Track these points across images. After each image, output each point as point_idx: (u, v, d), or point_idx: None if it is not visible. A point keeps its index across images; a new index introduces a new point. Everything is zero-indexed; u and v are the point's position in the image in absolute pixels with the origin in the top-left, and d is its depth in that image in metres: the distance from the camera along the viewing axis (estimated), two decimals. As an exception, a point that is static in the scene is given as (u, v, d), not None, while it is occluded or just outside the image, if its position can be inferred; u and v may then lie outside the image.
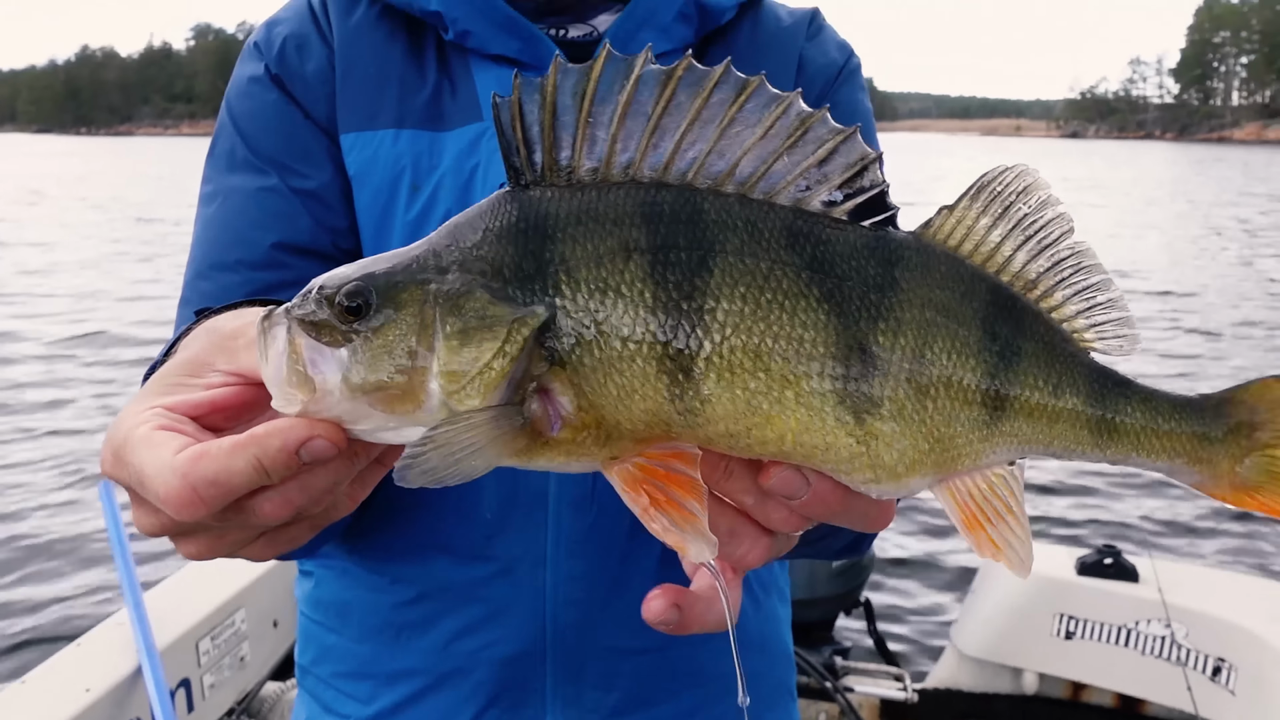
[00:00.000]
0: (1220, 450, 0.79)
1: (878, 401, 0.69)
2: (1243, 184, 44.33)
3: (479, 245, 0.68)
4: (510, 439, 0.66)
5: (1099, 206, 30.06)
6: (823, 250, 0.68)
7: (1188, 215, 29.13)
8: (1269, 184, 44.17)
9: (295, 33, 1.31)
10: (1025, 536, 0.75)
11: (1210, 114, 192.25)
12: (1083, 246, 0.76)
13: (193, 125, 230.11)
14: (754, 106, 0.67)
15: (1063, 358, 0.75)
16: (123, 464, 0.72)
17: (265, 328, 0.69)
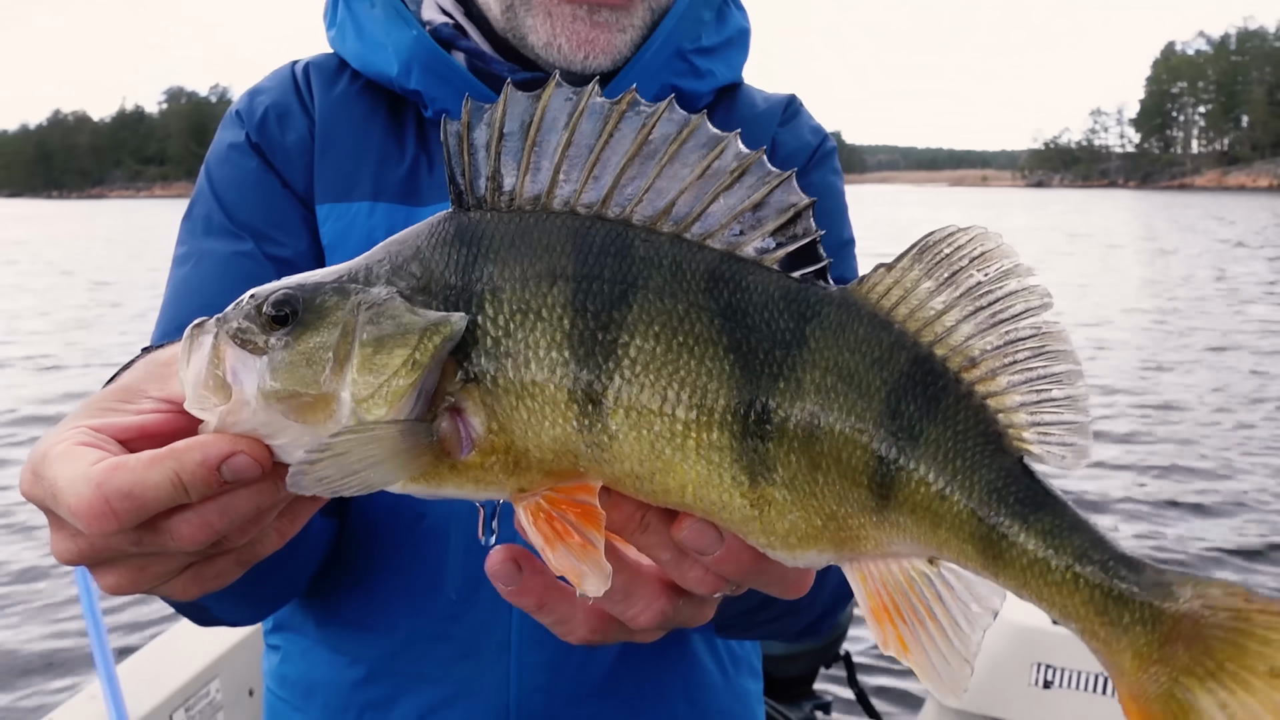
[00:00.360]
0: (1124, 638, 0.64)
1: (771, 466, 0.66)
2: (1215, 230, 45.09)
3: (410, 260, 0.68)
4: (416, 455, 0.65)
5: (1070, 254, 30.43)
6: (739, 298, 0.66)
7: (1166, 261, 29.52)
8: (1235, 228, 44.97)
9: (277, 103, 1.33)
10: (952, 655, 0.66)
11: (1171, 162, 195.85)
12: (1052, 328, 0.66)
13: (165, 187, 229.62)
14: (694, 145, 0.67)
15: (969, 453, 0.66)
16: (39, 479, 0.69)
17: (193, 335, 0.69)
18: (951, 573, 0.68)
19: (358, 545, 1.25)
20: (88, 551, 0.71)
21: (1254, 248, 33.77)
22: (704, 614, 0.80)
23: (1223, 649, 0.61)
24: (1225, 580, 0.63)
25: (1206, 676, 0.62)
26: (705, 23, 1.35)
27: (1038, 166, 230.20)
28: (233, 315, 0.68)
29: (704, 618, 0.80)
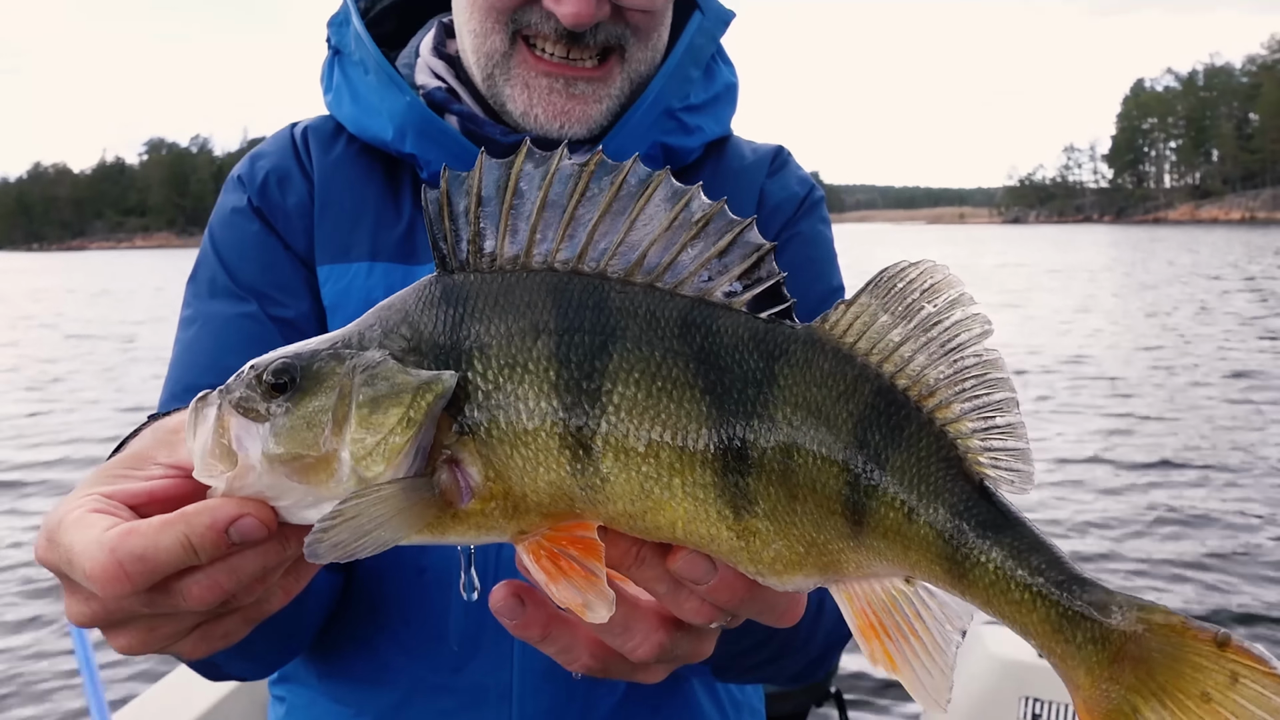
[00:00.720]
0: (1077, 654, 0.68)
1: (753, 499, 0.69)
2: (1192, 263, 45.56)
3: (400, 324, 0.71)
4: (421, 510, 0.68)
5: (1054, 290, 30.62)
6: (711, 341, 0.69)
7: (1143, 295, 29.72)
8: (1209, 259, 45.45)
9: (277, 166, 1.36)
10: (934, 667, 0.70)
11: (1145, 196, 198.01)
12: (991, 356, 0.70)
13: (146, 238, 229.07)
14: (660, 199, 0.70)
15: (932, 479, 0.69)
16: (54, 545, 0.72)
17: (198, 408, 0.71)
18: (927, 591, 0.71)
19: (361, 599, 1.26)
20: (101, 614, 0.73)
21: (1229, 280, 34.11)
22: (702, 650, 0.81)
23: (1163, 671, 0.65)
24: (1165, 606, 0.67)
25: (1150, 696, 0.66)
26: (693, 80, 1.38)
27: (1014, 203, 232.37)
28: (235, 386, 0.70)
29: (702, 654, 0.82)
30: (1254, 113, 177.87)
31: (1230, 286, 30.93)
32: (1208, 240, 73.76)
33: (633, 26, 1.29)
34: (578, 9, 1.21)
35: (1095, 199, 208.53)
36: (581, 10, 1.21)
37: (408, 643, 1.26)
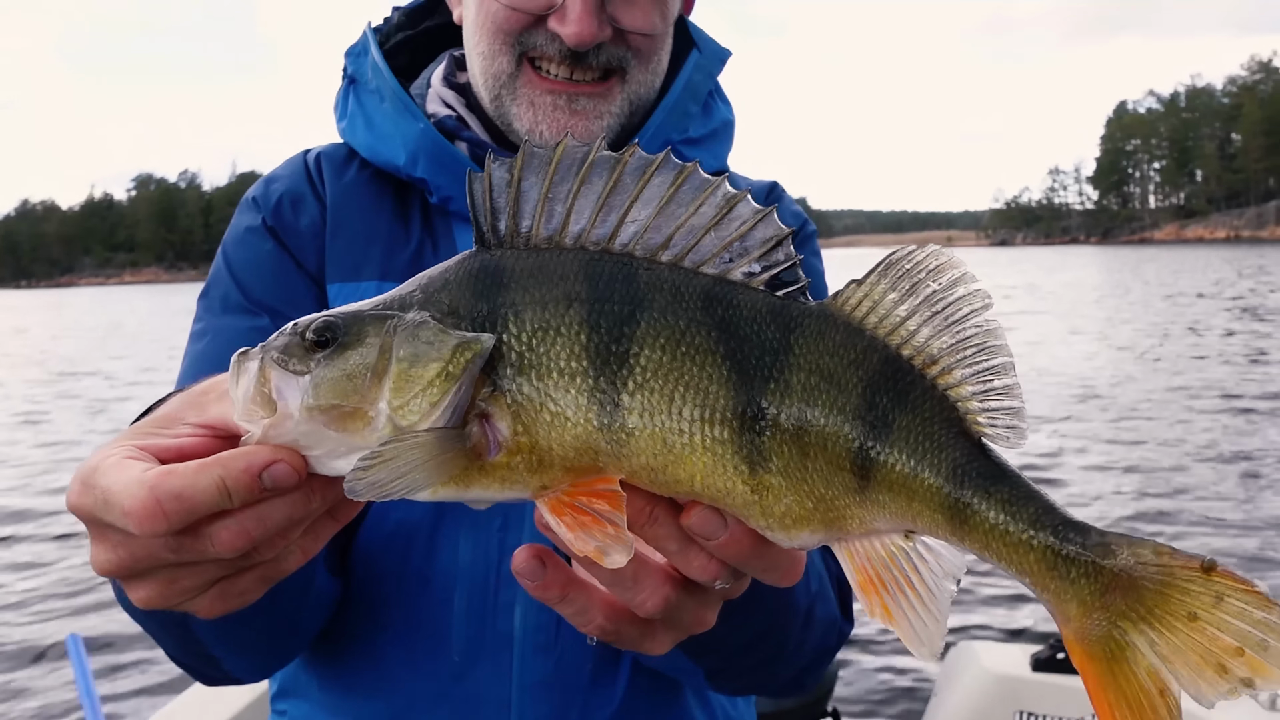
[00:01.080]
0: (1071, 589, 0.73)
1: (767, 456, 0.74)
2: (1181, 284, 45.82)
3: (440, 290, 0.76)
4: (452, 460, 0.72)
5: (1041, 313, 30.74)
6: (732, 313, 0.75)
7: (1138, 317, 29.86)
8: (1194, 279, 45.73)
9: (291, 190, 1.42)
10: (929, 618, 0.74)
11: (1130, 217, 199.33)
12: (990, 326, 0.75)
13: (135, 273, 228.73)
14: (688, 189, 0.76)
15: (936, 437, 0.75)
16: (89, 489, 0.75)
17: (239, 361, 0.75)
18: (925, 546, 0.76)
19: (364, 609, 1.30)
20: (127, 560, 0.76)
21: (1213, 298, 34.30)
22: (705, 618, 0.86)
23: (1152, 597, 0.71)
24: (1155, 540, 0.72)
25: (1139, 620, 0.71)
26: (692, 115, 1.46)
27: (1000, 225, 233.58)
28: (277, 341, 0.75)
29: (705, 622, 0.86)
30: (1236, 133, 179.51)
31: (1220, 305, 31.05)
32: (1196, 259, 74.18)
33: (634, 49, 1.35)
34: (580, 29, 1.27)
35: (1081, 220, 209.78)
36: (584, 31, 1.27)
37: (409, 652, 1.29)
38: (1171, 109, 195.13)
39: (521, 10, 1.31)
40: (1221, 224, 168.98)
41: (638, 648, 0.88)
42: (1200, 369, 17.51)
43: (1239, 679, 0.68)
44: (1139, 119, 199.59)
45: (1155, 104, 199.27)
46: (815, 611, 1.20)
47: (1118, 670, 0.72)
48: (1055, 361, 18.59)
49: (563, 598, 0.81)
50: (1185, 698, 0.71)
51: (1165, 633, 0.70)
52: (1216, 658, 0.69)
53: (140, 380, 22.03)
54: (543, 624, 1.27)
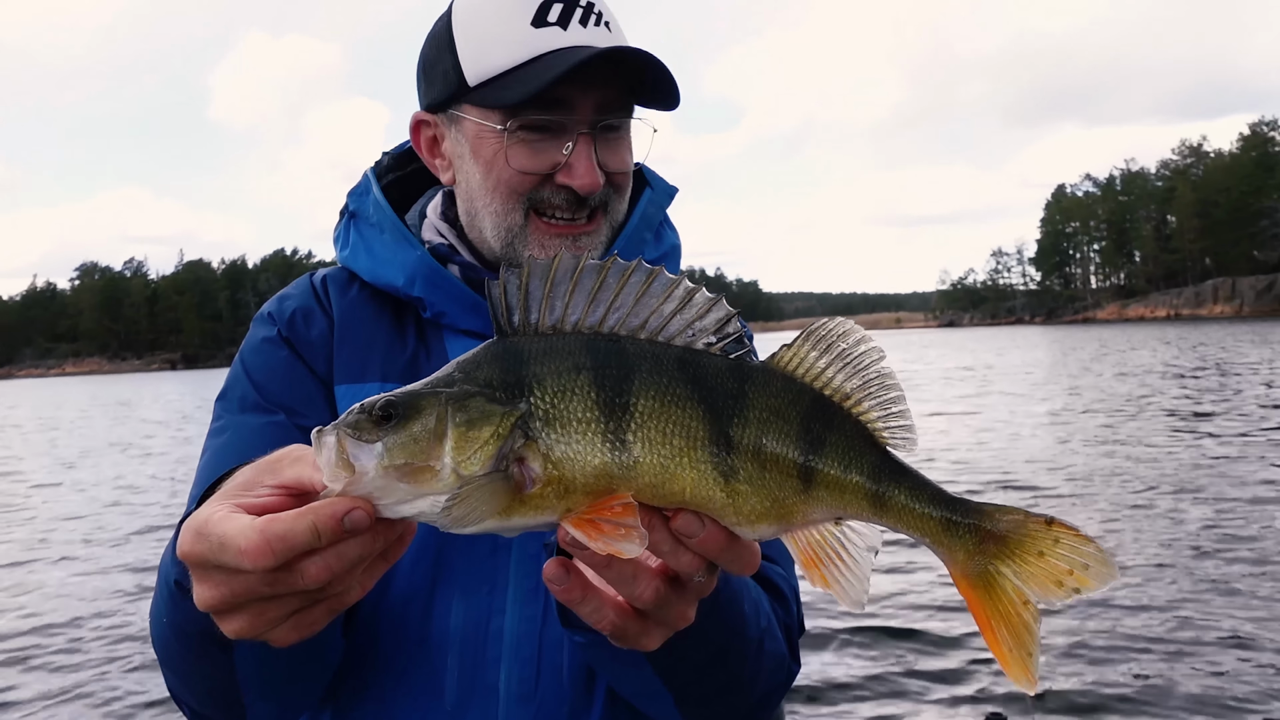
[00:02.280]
0: (959, 543, 1.03)
1: (736, 471, 1.00)
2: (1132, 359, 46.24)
3: (477, 370, 0.99)
4: (502, 496, 0.96)
5: (1010, 394, 30.59)
6: (700, 372, 1.01)
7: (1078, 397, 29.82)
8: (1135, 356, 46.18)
9: (303, 306, 1.69)
10: (856, 580, 1.03)
11: (1073, 297, 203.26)
12: (886, 371, 1.05)
13: (77, 364, 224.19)
14: (658, 285, 1.02)
15: (856, 448, 1.03)
16: (204, 536, 0.97)
17: (318, 437, 0.96)
18: (850, 528, 1.04)
19: (367, 666, 1.52)
20: (228, 595, 0.98)
21: (1160, 374, 34.46)
22: (687, 614, 1.10)
23: (1013, 543, 1.02)
24: (1014, 506, 1.03)
25: (1005, 559, 1.03)
26: (647, 241, 1.78)
27: (948, 307, 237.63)
28: (348, 419, 0.96)
29: (687, 618, 1.10)
30: (1171, 215, 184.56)
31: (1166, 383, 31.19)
32: (1138, 336, 75.42)
33: (615, 186, 1.65)
34: (589, 181, 1.57)
35: (1026, 301, 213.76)
36: (592, 182, 1.57)
37: (407, 703, 1.51)
38: (1109, 192, 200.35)
39: (533, 173, 1.58)
40: (1161, 303, 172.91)
41: (636, 644, 1.11)
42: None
43: (1071, 589, 1.00)
44: (1077, 202, 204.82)
45: (1092, 187, 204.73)
46: (765, 644, 1.43)
47: (993, 593, 1.03)
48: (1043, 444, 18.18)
49: (583, 598, 1.05)
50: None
51: (1023, 565, 1.01)
52: (1057, 577, 1.00)
53: (48, 482, 20.97)
54: (524, 676, 1.50)
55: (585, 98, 1.56)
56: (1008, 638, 1.01)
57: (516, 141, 1.57)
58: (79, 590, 11.10)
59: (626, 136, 1.66)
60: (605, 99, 1.58)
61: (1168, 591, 9.04)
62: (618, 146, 1.64)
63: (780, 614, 1.53)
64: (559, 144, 1.57)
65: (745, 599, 1.38)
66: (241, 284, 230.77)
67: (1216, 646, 7.73)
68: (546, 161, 1.57)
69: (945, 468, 15.61)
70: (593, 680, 1.53)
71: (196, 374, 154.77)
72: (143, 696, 7.62)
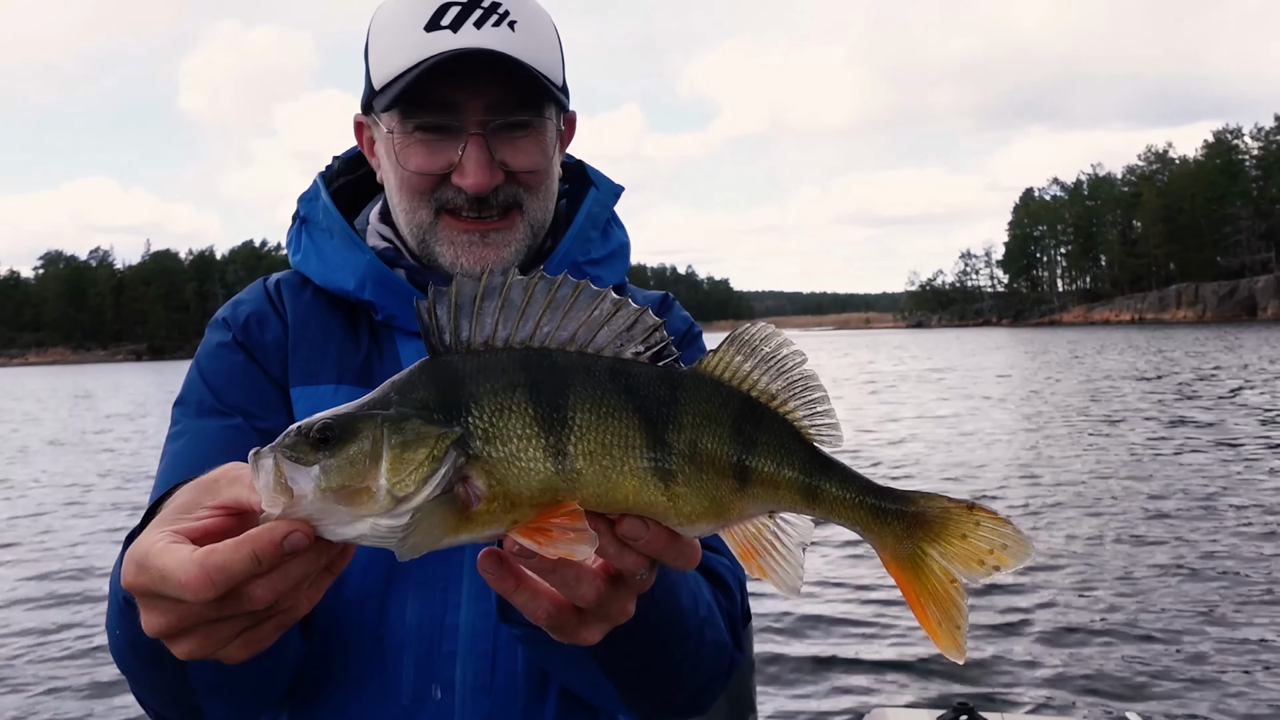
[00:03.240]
0: (888, 529, 1.08)
1: (675, 475, 1.02)
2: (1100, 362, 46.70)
3: (413, 391, 0.99)
4: (451, 518, 0.97)
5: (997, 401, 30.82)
6: (632, 381, 1.03)
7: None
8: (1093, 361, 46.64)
9: (256, 310, 1.71)
10: (791, 568, 1.07)
11: (1040, 300, 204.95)
12: (809, 372, 1.09)
13: (40, 354, 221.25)
14: (584, 298, 1.03)
15: (786, 446, 1.07)
16: (145, 569, 0.97)
17: (255, 460, 0.96)
18: (783, 519, 1.08)
19: (325, 663, 1.55)
20: (175, 622, 0.99)
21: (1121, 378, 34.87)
22: (627, 609, 1.12)
23: (937, 527, 1.07)
24: (939, 494, 1.08)
25: (931, 542, 1.08)
26: (593, 240, 1.80)
27: (917, 308, 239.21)
28: (285, 441, 0.96)
29: (627, 613, 1.12)
30: (1136, 220, 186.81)
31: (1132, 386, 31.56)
32: (1102, 339, 76.19)
33: (524, 186, 1.66)
34: (477, 179, 1.59)
35: (993, 303, 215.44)
36: (480, 180, 1.59)
37: (365, 699, 1.54)
38: (1075, 197, 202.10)
39: (429, 173, 1.62)
40: (1126, 307, 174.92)
41: (575, 638, 1.12)
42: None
43: (992, 567, 1.06)
44: (1045, 206, 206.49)
45: (1060, 192, 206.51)
46: (705, 634, 1.46)
47: (920, 573, 1.08)
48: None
49: (516, 588, 1.06)
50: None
51: (947, 546, 1.07)
52: (979, 556, 1.06)
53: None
54: (480, 669, 1.54)
55: (472, 99, 1.59)
56: (936, 613, 1.07)
57: (413, 143, 1.62)
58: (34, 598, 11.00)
59: (537, 135, 1.66)
60: (492, 99, 1.60)
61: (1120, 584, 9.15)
62: (523, 145, 1.64)
63: (723, 602, 1.56)
64: (455, 145, 1.61)
65: (683, 590, 1.41)
66: (209, 275, 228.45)
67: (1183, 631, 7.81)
68: (441, 161, 1.61)
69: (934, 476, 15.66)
70: (547, 673, 1.57)
71: (162, 365, 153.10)
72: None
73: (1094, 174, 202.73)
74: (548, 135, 1.68)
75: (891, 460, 17.47)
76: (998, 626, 8.37)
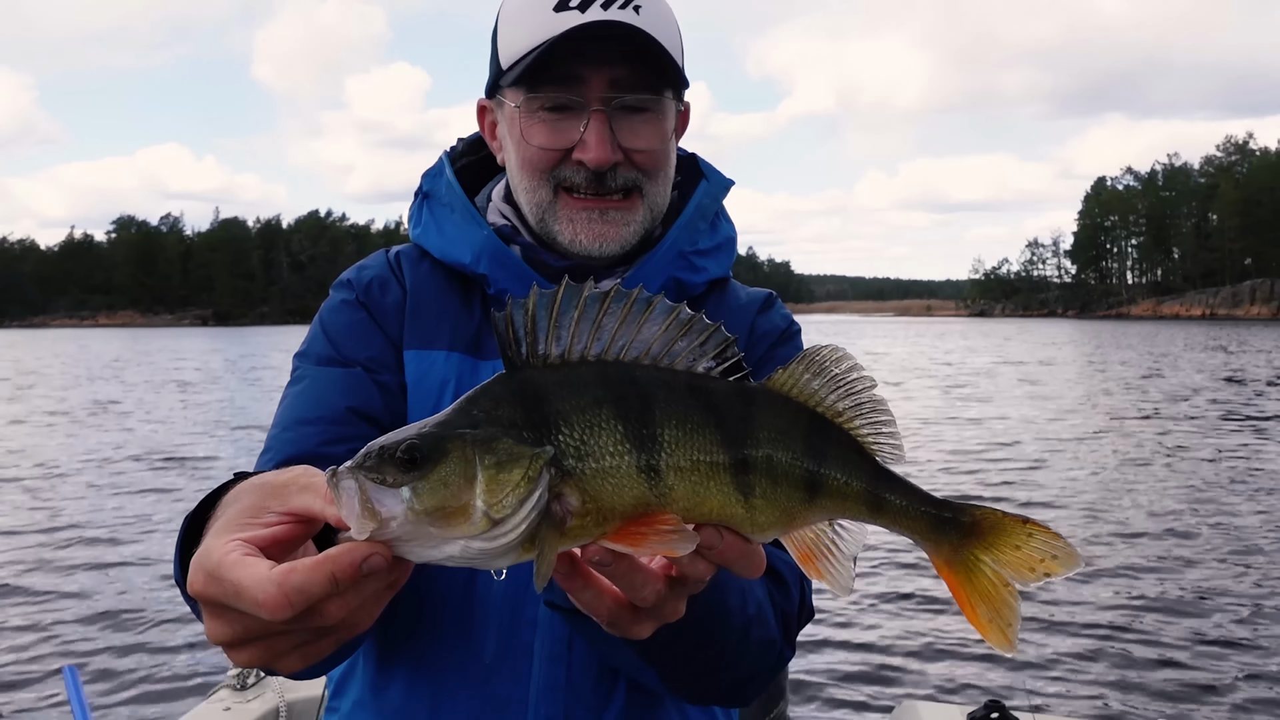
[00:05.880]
0: (945, 538, 1.13)
1: (753, 488, 1.06)
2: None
3: (497, 408, 0.99)
4: (544, 533, 0.97)
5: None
6: (711, 397, 1.05)
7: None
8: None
9: (379, 275, 1.81)
10: (844, 571, 1.12)
11: (1108, 292, 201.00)
12: (876, 395, 1.13)
13: (109, 316, 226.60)
14: (658, 312, 1.04)
15: (853, 460, 1.11)
16: (218, 581, 0.97)
17: (334, 482, 0.95)
18: (840, 525, 1.13)
19: (411, 623, 1.63)
20: (241, 634, 0.99)
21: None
22: (679, 609, 1.14)
23: (992, 537, 1.13)
24: (994, 508, 1.13)
25: (986, 548, 1.13)
26: (702, 231, 1.85)
27: (980, 296, 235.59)
28: (368, 462, 0.95)
29: (679, 613, 1.14)
30: (1212, 212, 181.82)
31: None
32: (1172, 334, 74.35)
33: (642, 169, 1.71)
34: (598, 154, 1.64)
35: (1060, 294, 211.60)
36: (601, 155, 1.64)
37: (448, 658, 1.62)
38: (1149, 187, 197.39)
39: (552, 149, 1.68)
40: (1197, 302, 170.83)
41: (628, 633, 1.15)
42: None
43: (1042, 574, 1.11)
44: (1117, 195, 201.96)
45: (1133, 181, 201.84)
46: (751, 631, 1.48)
47: (973, 576, 1.13)
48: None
49: (584, 587, 1.08)
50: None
51: (1000, 554, 1.12)
52: (1030, 564, 1.11)
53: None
54: (558, 637, 1.60)
55: (596, 74, 1.65)
56: (986, 611, 1.13)
57: (537, 121, 1.68)
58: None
59: (655, 118, 1.71)
60: (616, 76, 1.66)
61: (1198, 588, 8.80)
62: (641, 127, 1.69)
63: (778, 599, 1.58)
64: (577, 123, 1.66)
65: (730, 589, 1.43)
66: (275, 243, 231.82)
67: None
68: (564, 139, 1.67)
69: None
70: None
71: (229, 331, 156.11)
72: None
73: (1169, 164, 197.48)
74: (667, 119, 1.73)
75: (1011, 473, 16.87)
76: (1040, 626, 8.28)
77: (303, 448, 1.55)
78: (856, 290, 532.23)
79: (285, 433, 1.60)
